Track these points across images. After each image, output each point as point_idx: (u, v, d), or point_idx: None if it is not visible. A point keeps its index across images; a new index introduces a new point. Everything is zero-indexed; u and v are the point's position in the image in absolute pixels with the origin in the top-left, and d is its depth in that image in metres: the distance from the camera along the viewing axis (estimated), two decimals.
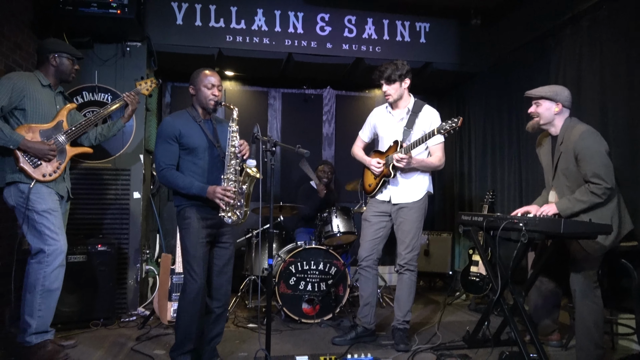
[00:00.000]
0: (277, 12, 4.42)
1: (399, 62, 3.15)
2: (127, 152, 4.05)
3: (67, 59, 2.96)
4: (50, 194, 2.83)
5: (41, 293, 2.73)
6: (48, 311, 2.77)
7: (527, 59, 4.25)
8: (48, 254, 2.73)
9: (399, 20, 4.66)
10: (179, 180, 2.54)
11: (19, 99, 2.77)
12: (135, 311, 3.93)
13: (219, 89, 2.65)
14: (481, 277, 4.25)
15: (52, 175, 2.84)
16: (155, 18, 4.15)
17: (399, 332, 3.18)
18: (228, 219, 2.53)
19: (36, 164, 2.78)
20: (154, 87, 3.35)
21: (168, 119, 2.63)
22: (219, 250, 2.68)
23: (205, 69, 2.67)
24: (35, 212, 2.75)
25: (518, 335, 2.74)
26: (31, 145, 2.74)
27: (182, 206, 2.59)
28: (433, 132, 2.97)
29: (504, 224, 2.69)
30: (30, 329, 2.72)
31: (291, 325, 3.68)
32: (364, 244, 3.30)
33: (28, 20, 3.63)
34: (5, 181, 2.77)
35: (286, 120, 5.52)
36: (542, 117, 2.87)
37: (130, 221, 4.01)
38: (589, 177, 2.64)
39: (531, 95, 2.91)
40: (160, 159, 2.57)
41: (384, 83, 3.18)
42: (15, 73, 2.86)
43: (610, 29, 3.34)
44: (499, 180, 4.67)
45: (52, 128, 2.89)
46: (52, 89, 2.98)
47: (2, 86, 2.72)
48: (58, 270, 2.78)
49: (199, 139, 2.60)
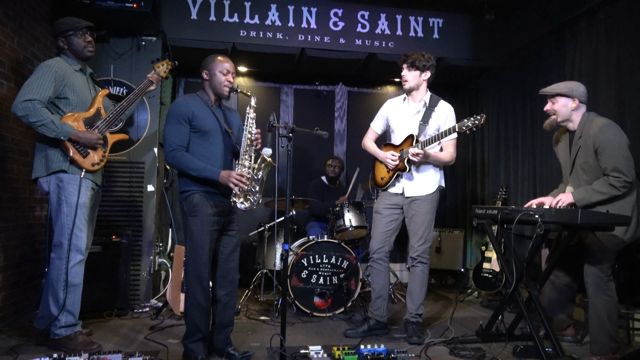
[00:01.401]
0: (290, 7, 4.44)
1: (427, 55, 3.16)
2: (142, 145, 4.09)
3: (74, 35, 2.82)
4: (87, 187, 2.79)
5: (65, 288, 2.72)
6: (74, 305, 2.77)
7: (541, 53, 4.22)
8: (68, 249, 2.70)
9: (412, 16, 4.66)
10: (191, 162, 2.48)
11: (61, 87, 2.71)
12: (148, 303, 3.96)
13: (233, 76, 2.65)
14: (494, 273, 4.22)
15: (100, 164, 2.83)
16: (170, 12, 4.20)
17: (411, 325, 3.17)
18: (241, 205, 2.51)
19: (85, 154, 2.76)
20: (170, 68, 3.25)
21: (181, 100, 2.60)
22: (226, 239, 2.66)
23: (220, 55, 2.68)
24: (67, 204, 2.72)
25: (533, 328, 2.71)
26: (82, 136, 2.70)
27: (191, 192, 2.53)
28: (454, 128, 2.95)
29: (519, 215, 2.67)
30: (59, 322, 2.72)
31: (303, 318, 3.68)
32: (376, 236, 3.29)
33: (45, 13, 3.68)
34: (50, 170, 2.72)
35: (298, 116, 5.53)
36: (559, 114, 2.83)
37: (143, 213, 4.05)
38: (609, 170, 2.61)
39: (546, 92, 2.87)
40: (170, 139, 2.51)
41: (405, 67, 3.18)
42: (52, 60, 2.76)
43: (628, 20, 3.31)
44: (512, 175, 4.63)
45: (92, 116, 2.82)
46: (84, 73, 2.91)
47: (44, 75, 2.64)
48: (77, 267, 2.77)
49: (212, 123, 2.58)
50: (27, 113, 2.58)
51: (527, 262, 2.87)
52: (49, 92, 2.65)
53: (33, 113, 2.58)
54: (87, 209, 2.82)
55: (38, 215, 3.65)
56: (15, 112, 2.61)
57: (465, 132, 2.94)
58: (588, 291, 2.73)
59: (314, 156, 5.50)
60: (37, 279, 3.59)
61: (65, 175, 2.73)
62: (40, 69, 2.69)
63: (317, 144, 5.50)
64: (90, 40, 2.89)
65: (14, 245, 3.30)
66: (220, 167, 2.54)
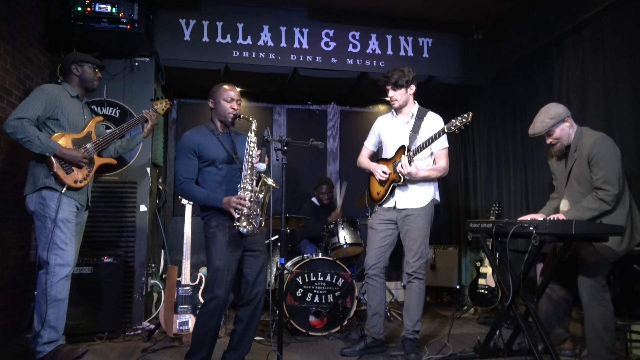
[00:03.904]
0: (282, 28, 4.51)
1: (405, 69, 3.19)
2: (135, 165, 4.07)
3: (88, 67, 3.04)
4: (69, 204, 2.85)
5: (50, 303, 2.72)
6: (58, 320, 2.76)
7: (530, 70, 4.31)
8: (54, 265, 2.74)
9: (402, 36, 4.75)
10: (196, 192, 2.58)
11: (52, 108, 2.84)
12: (140, 325, 3.87)
13: (237, 103, 2.72)
14: (490, 289, 4.20)
15: (82, 182, 2.91)
16: (164, 33, 4.24)
17: (409, 342, 3.13)
18: (243, 229, 2.51)
19: (69, 170, 2.84)
20: (168, 107, 3.48)
21: (187, 134, 2.68)
22: (250, 260, 2.66)
23: (225, 84, 2.75)
24: (50, 220, 2.76)
25: (531, 341, 2.69)
26: (67, 152, 2.80)
27: (208, 215, 2.61)
28: (443, 130, 2.97)
29: (514, 228, 2.68)
30: (41, 339, 2.70)
31: (298, 338, 3.62)
32: (371, 252, 3.28)
33: (39, 35, 3.70)
34: (35, 187, 2.80)
35: (291, 135, 5.41)
36: (562, 140, 2.88)
37: (136, 234, 4.00)
38: (599, 183, 2.65)
39: (539, 133, 2.90)
40: (179, 172, 2.62)
41: (390, 88, 3.22)
42: (47, 85, 2.94)
43: (613, 37, 3.40)
44: (504, 191, 4.66)
45: (82, 137, 2.97)
46: (80, 100, 3.06)
47: (37, 97, 2.80)
48: (64, 281, 2.78)
49: (218, 151, 2.64)
50: (15, 130, 2.71)
51: (523, 275, 2.86)
52: (39, 112, 2.79)
53: (20, 130, 2.70)
54: (72, 225, 2.85)
55: (28, 237, 3.60)
56: (5, 129, 2.73)
57: (454, 132, 2.96)
58: (583, 302, 2.72)
59: (307, 175, 5.50)
60: (27, 302, 3.51)
61: (48, 192, 2.79)
62: (34, 91, 2.86)
63: (310, 162, 5.52)
64: (100, 77, 3.14)
65: (3, 267, 3.24)
66: (229, 193, 2.58)
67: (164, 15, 4.24)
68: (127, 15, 3.68)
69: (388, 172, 3.22)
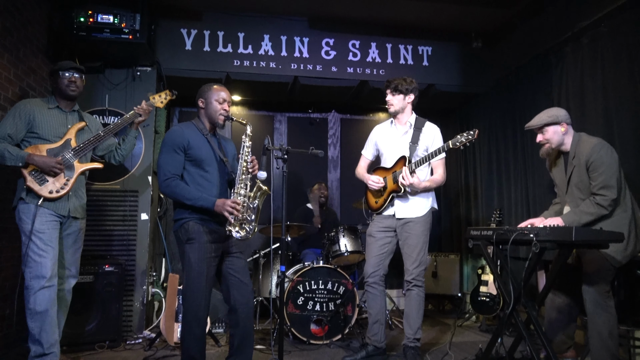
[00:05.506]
0: (283, 37, 4.55)
1: (409, 79, 3.24)
2: (136, 173, 4.09)
3: (60, 76, 2.94)
4: (43, 214, 2.75)
5: (31, 316, 2.66)
6: (42, 334, 2.67)
7: (529, 77, 4.33)
8: (29, 278, 2.66)
9: (402, 44, 4.78)
10: (185, 191, 2.47)
11: (26, 122, 2.81)
12: (141, 334, 3.87)
13: (229, 104, 2.68)
14: (491, 297, 4.19)
15: (60, 192, 2.79)
16: (165, 43, 4.28)
17: (410, 350, 3.12)
18: (237, 234, 2.47)
19: (42, 182, 2.76)
20: (169, 99, 3.25)
21: (176, 128, 2.60)
22: (232, 259, 2.61)
23: (216, 84, 2.71)
24: (23, 233, 2.71)
25: (533, 349, 2.67)
26: (38, 159, 2.72)
27: (185, 219, 2.51)
28: (447, 145, 2.99)
29: (514, 235, 2.67)
30: (29, 353, 2.67)
31: (299, 346, 3.61)
32: (370, 260, 3.28)
33: (42, 46, 3.74)
34: (15, 202, 2.78)
35: (292, 144, 5.45)
36: (552, 142, 2.88)
37: (137, 242, 4.01)
38: (597, 188, 2.65)
39: (533, 126, 2.92)
40: (165, 168, 2.49)
41: (389, 92, 3.27)
42: (23, 100, 2.92)
43: (611, 44, 3.42)
44: (505, 198, 4.66)
45: (59, 146, 2.87)
46: (62, 110, 2.98)
47: (8, 115, 2.81)
48: (42, 292, 2.67)
49: (207, 151, 2.58)
50: None
51: (525, 282, 2.85)
52: (8, 130, 2.76)
53: None
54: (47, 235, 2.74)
55: None
56: None
57: (459, 147, 2.98)
58: (587, 309, 2.71)
59: (308, 183, 5.50)
60: None
61: (22, 206, 2.75)
62: (11, 109, 2.85)
63: (311, 170, 5.53)
64: (73, 80, 2.96)
65: (4, 277, 3.24)
66: (215, 196, 2.51)
67: (165, 26, 4.28)
68: (129, 25, 3.72)
69: (380, 181, 3.23)
